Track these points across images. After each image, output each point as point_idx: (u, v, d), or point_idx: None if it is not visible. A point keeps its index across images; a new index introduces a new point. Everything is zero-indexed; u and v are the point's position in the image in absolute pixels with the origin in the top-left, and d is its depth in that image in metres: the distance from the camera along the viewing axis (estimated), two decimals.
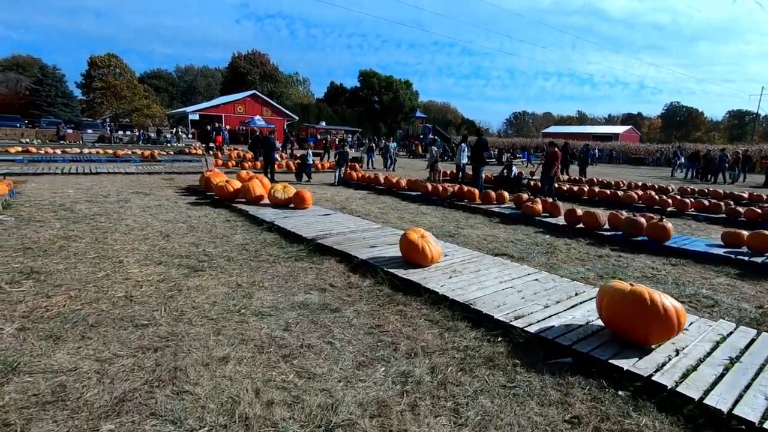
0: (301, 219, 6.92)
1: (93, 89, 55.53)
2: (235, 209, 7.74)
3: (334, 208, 8.47)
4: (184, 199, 8.83)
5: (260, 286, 4.03)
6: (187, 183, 11.46)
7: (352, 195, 10.73)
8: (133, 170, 13.64)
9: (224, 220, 7.01)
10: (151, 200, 8.54)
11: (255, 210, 7.47)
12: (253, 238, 5.91)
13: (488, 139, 18.56)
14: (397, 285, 4.10)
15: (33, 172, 12.04)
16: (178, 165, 16.86)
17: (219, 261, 4.77)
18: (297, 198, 7.76)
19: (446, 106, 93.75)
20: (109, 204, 7.89)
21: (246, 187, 8.13)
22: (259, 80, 63.13)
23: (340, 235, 5.86)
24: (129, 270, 4.35)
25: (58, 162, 15.93)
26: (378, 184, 11.79)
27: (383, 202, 9.82)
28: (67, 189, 9.50)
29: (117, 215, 6.96)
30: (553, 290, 3.93)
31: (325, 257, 5.00)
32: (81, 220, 6.53)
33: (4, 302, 3.43)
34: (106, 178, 11.81)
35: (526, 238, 6.59)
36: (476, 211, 8.71)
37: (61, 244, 5.15)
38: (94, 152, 20.21)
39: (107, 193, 9.13)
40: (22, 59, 64.09)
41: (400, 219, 7.80)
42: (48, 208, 7.27)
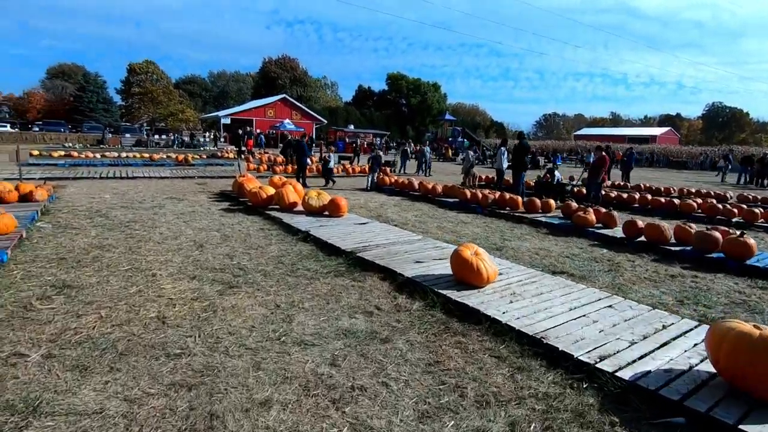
0: (337, 228, 6.58)
1: (131, 95, 57.73)
2: (268, 217, 7.49)
3: (369, 216, 8.10)
4: (217, 206, 8.67)
5: (300, 308, 3.67)
6: (220, 188, 11.38)
7: (386, 201, 10.35)
8: (168, 174, 13.76)
9: (258, 228, 6.76)
10: (184, 206, 8.42)
11: (289, 218, 7.20)
12: (289, 249, 5.60)
13: None
14: (451, 309, 3.66)
15: (73, 176, 12.29)
16: (211, 169, 16.97)
17: (255, 276, 4.47)
18: (332, 205, 7.44)
19: (475, 109, 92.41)
20: (144, 210, 7.80)
21: (279, 193, 7.88)
22: (289, 84, 64.00)
23: (380, 248, 5.46)
24: (162, 285, 4.09)
25: (97, 166, 16.33)
26: (412, 190, 11.36)
27: (419, 209, 9.38)
28: (104, 194, 9.55)
29: (151, 222, 6.82)
30: (635, 321, 3.39)
31: (367, 273, 4.61)
32: (116, 227, 6.42)
33: (33, 322, 3.21)
34: (141, 183, 11.90)
35: (582, 253, 6.00)
36: (521, 221, 8.14)
37: (95, 254, 4.99)
38: (131, 156, 20.72)
39: (142, 199, 9.10)
40: (67, 67, 67.38)
41: (440, 229, 7.34)
42: (84, 214, 7.23)
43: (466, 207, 9.39)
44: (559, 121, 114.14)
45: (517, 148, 10.85)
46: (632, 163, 17.78)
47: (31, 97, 60.38)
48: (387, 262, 4.75)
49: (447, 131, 49.74)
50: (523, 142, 10.83)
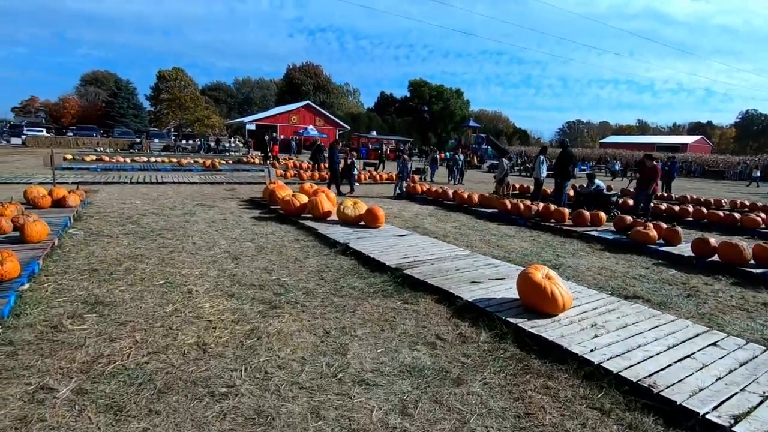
0: (376, 241, 6.17)
1: (160, 101, 59.19)
2: (302, 226, 7.16)
3: (406, 227, 7.68)
4: (248, 213, 8.41)
5: (352, 335, 3.26)
6: (249, 194, 11.17)
7: (420, 211, 9.90)
8: (196, 180, 13.69)
9: (293, 239, 6.42)
10: (215, 214, 8.18)
11: (324, 228, 6.84)
12: (328, 263, 5.22)
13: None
14: (525, 342, 3.18)
15: (104, 181, 12.31)
16: (238, 175, 16.90)
17: (297, 294, 4.09)
18: (369, 216, 7.05)
19: (497, 115, 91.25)
20: (175, 218, 7.58)
21: (313, 202, 7.55)
22: (313, 91, 64.56)
23: (428, 264, 5.02)
24: (199, 303, 3.76)
25: (127, 171, 16.46)
26: (446, 199, 10.89)
27: (456, 220, 8.91)
28: (135, 200, 9.43)
29: (183, 231, 6.57)
30: (754, 365, 2.85)
31: (419, 294, 4.18)
32: (147, 235, 6.18)
33: (63, 346, 2.90)
34: (171, 188, 11.81)
35: (650, 274, 5.42)
36: (569, 235, 7.57)
37: (127, 266, 4.72)
38: (160, 161, 20.91)
39: (173, 205, 8.92)
40: (101, 74, 69.79)
41: (485, 242, 6.85)
42: (116, 221, 7.04)
43: (507, 218, 8.86)
44: (583, 129, 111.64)
45: (561, 156, 10.26)
46: (675, 173, 16.85)
47: (66, 103, 62.68)
48: (440, 282, 4.31)
49: (471, 138, 49.08)
50: (567, 150, 10.24)
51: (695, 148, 62.48)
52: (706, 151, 60.52)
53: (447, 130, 70.37)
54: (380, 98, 74.49)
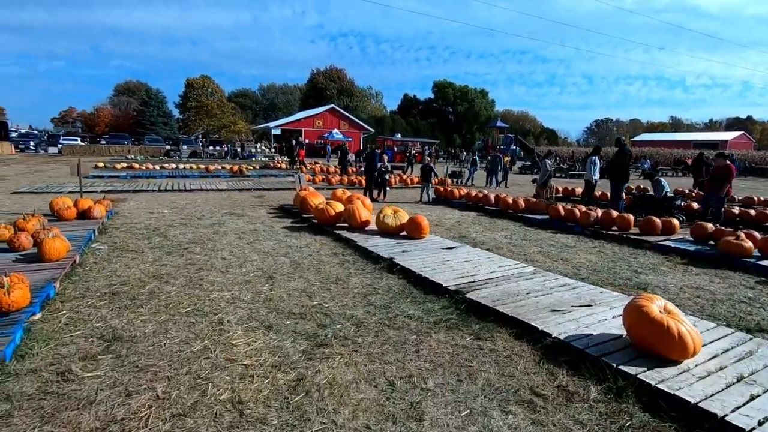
0: (424, 255, 5.48)
1: (188, 108, 60.45)
2: (339, 238, 6.53)
3: (451, 237, 6.96)
4: (279, 223, 7.86)
5: (424, 389, 2.58)
6: (279, 201, 10.68)
7: (462, 218, 9.14)
8: (224, 187, 13.34)
9: (330, 252, 5.80)
10: (245, 223, 7.67)
11: (363, 240, 6.19)
12: (374, 282, 4.56)
13: (569, 150, 15.77)
14: (654, 401, 2.42)
15: (133, 189, 12.10)
16: (266, 180, 16.55)
17: (345, 326, 3.44)
18: (412, 225, 6.36)
19: (524, 115, 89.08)
20: (203, 229, 7.11)
21: (350, 210, 6.92)
22: (336, 95, 64.58)
23: (491, 285, 4.29)
24: (232, 338, 3.15)
25: (156, 178, 16.36)
26: (488, 204, 10.09)
27: (504, 228, 8.10)
28: (162, 209, 9.06)
29: (212, 244, 6.05)
30: None
31: (490, 325, 3.46)
32: (174, 250, 5.68)
33: (70, 402, 2.33)
34: (199, 196, 11.47)
35: (761, 296, 4.50)
36: (639, 245, 6.66)
37: (151, 288, 4.19)
38: (188, 167, 20.89)
39: (201, 214, 8.49)
40: (132, 84, 72.01)
41: (545, 255, 6.04)
42: (142, 233, 6.61)
43: (561, 226, 8.00)
44: (612, 127, 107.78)
45: (617, 155, 9.29)
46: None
47: (100, 113, 64.94)
48: (515, 311, 3.57)
49: (499, 139, 47.71)
50: (625, 149, 9.25)
51: (736, 144, 58.93)
52: (748, 148, 56.97)
53: (472, 131, 69.10)
54: (403, 100, 73.88)
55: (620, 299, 3.93)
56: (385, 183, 11.66)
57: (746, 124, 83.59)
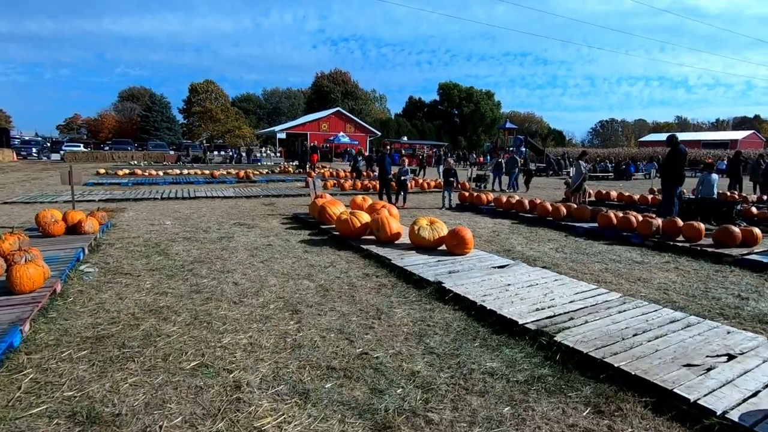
0: (476, 276, 4.55)
1: (192, 113, 59.91)
2: (368, 254, 5.61)
3: (494, 250, 6.03)
4: (295, 235, 6.95)
5: None
6: (291, 209, 9.79)
7: (497, 227, 8.20)
8: (231, 194, 12.47)
9: (361, 273, 4.88)
10: (257, 237, 6.77)
11: (398, 257, 5.27)
12: (426, 317, 3.63)
13: (582, 150, 14.63)
14: None
15: (134, 197, 11.25)
16: (275, 186, 15.69)
17: (407, 389, 2.52)
18: (454, 239, 5.43)
19: (530, 116, 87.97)
20: (210, 244, 6.21)
21: (378, 222, 6.00)
22: (341, 98, 63.89)
23: (578, 320, 3.35)
24: (256, 418, 2.24)
25: (159, 184, 15.54)
26: (522, 211, 9.14)
27: (550, 238, 7.15)
28: (165, 219, 8.18)
29: (221, 264, 5.15)
30: None
31: (605, 387, 2.52)
32: (177, 272, 4.79)
33: None
34: (204, 204, 10.60)
35: None
36: (719, 260, 5.68)
37: (147, 329, 3.28)
38: (192, 173, 20.08)
39: (207, 226, 7.60)
40: (137, 90, 71.64)
41: (615, 274, 5.09)
42: (140, 250, 5.71)
43: (615, 236, 7.04)
44: (617, 128, 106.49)
45: (671, 155, 8.32)
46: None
47: (104, 119, 64.54)
48: (635, 366, 2.62)
49: (508, 140, 46.68)
50: (680, 148, 8.28)
51: (746, 144, 57.50)
52: (758, 147, 55.52)
53: (477, 133, 68.24)
54: (408, 103, 73.06)
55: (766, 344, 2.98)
56: (406, 187, 10.73)
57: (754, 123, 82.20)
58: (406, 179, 10.74)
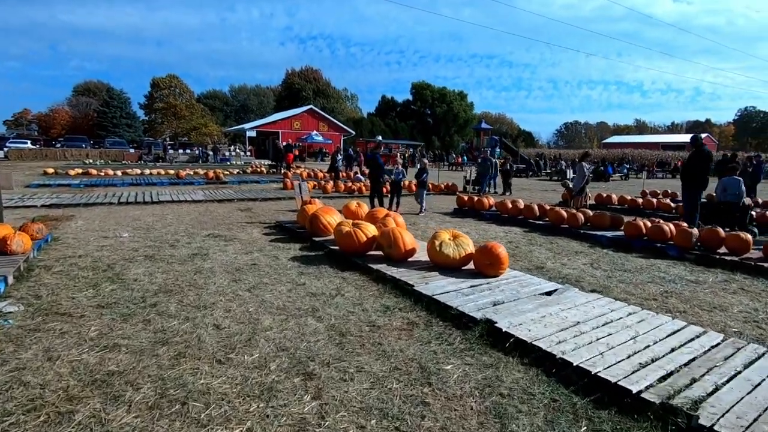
0: (528, 309, 3.60)
1: (154, 110, 56.54)
2: (379, 276, 4.56)
3: (525, 268, 5.13)
4: (283, 250, 5.80)
5: None
6: (272, 216, 8.59)
7: (509, 236, 7.32)
8: (201, 197, 11.06)
9: (380, 306, 3.83)
10: (237, 252, 5.58)
11: (420, 281, 4.25)
12: (490, 377, 2.64)
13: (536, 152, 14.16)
14: None
15: (85, 201, 9.69)
16: (248, 188, 14.31)
17: None
18: (487, 258, 4.47)
19: (502, 117, 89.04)
20: (180, 264, 4.98)
21: (390, 236, 4.96)
22: (313, 96, 62.20)
23: (707, 385, 2.46)
24: None
25: (116, 186, 13.84)
26: (531, 217, 8.32)
27: (577, 250, 6.33)
28: (122, 230, 6.81)
29: (195, 295, 3.97)
30: None
31: None
32: (136, 310, 3.58)
33: None
34: (170, 210, 9.20)
35: None
36: None
37: (83, 421, 2.12)
38: (155, 173, 18.30)
39: (175, 239, 6.32)
40: (93, 84, 67.05)
41: (680, 298, 4.27)
42: (86, 277, 4.42)
43: (646, 246, 6.30)
44: (581, 129, 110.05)
45: (693, 157, 7.70)
46: (761, 174, 14.34)
47: (56, 114, 59.93)
48: None
49: (483, 141, 46.57)
50: (704, 149, 7.69)
51: None
52: (712, 149, 58.35)
53: (450, 134, 68.24)
54: (381, 102, 72.11)
55: None
56: (400, 191, 9.73)
57: (705, 127, 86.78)
58: (401, 182, 9.75)
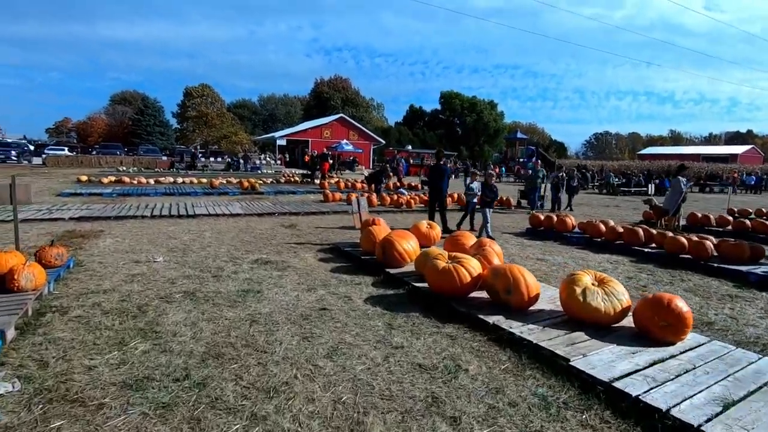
0: None
1: (186, 118, 57.27)
2: (501, 336, 3.27)
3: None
4: (352, 286, 4.59)
5: None
6: (321, 234, 7.46)
7: (623, 270, 5.91)
8: (239, 210, 10.07)
9: (528, 393, 2.55)
10: (298, 289, 4.41)
11: (571, 351, 2.95)
12: None
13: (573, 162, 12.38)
14: None
15: (116, 214, 8.81)
16: (286, 200, 13.32)
17: None
18: (661, 313, 3.11)
19: (533, 127, 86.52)
20: (229, 306, 3.83)
21: (509, 277, 3.66)
22: (341, 105, 61.84)
23: None
24: None
25: (149, 195, 13.09)
26: (635, 243, 6.86)
27: (725, 293, 4.87)
28: (155, 252, 5.77)
29: (258, 365, 2.78)
30: None
31: None
32: (176, 395, 2.42)
33: None
34: (207, 225, 8.20)
35: None
36: None
37: None
38: (188, 182, 17.62)
39: (217, 265, 5.22)
40: (129, 94, 68.84)
41: None
42: (110, 327, 3.31)
43: None
44: (612, 140, 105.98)
45: None
46: None
47: (93, 122, 61.62)
48: None
49: (518, 151, 44.77)
50: None
51: (747, 158, 56.58)
52: (758, 162, 54.48)
53: (480, 143, 66.56)
54: (409, 112, 71.22)
55: None
56: (473, 209, 8.28)
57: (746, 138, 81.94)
58: (473, 198, 8.38)
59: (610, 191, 23.29)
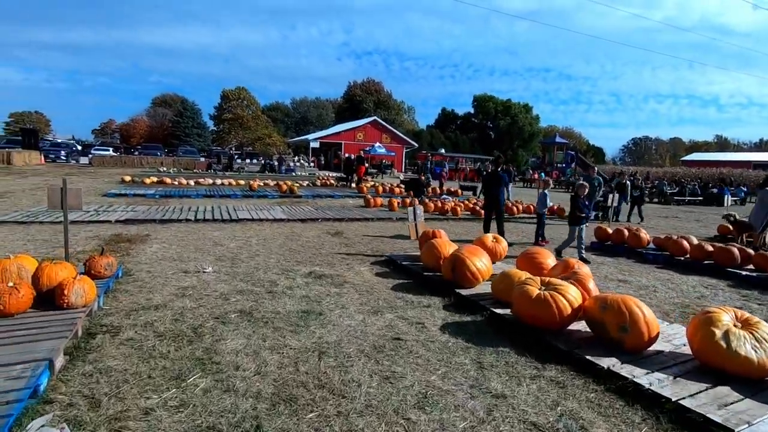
0: None
1: (223, 120, 58.65)
2: (620, 386, 2.67)
3: None
4: (421, 309, 4.08)
5: None
6: (369, 243, 7.01)
7: (722, 296, 5.14)
8: (281, 215, 9.77)
9: None
10: (362, 311, 3.94)
11: (729, 419, 2.31)
12: None
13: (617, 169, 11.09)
14: None
15: (161, 217, 8.67)
16: (325, 204, 13.00)
17: None
18: None
19: (569, 132, 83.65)
20: (292, 333, 3.39)
21: (624, 310, 3.06)
22: (373, 108, 61.71)
23: None
24: None
25: (191, 197, 13.06)
26: (728, 264, 6.03)
27: None
28: (203, 261, 5.46)
29: (338, 417, 2.30)
30: None
31: None
32: None
33: None
34: (252, 230, 7.91)
35: None
36: None
37: None
38: (226, 184, 17.65)
39: (269, 279, 4.83)
40: (169, 96, 71.29)
41: None
42: (165, 354, 2.93)
43: None
44: (651, 145, 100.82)
45: None
46: None
47: (136, 124, 64.11)
48: None
49: (557, 156, 43.17)
50: None
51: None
52: None
53: (514, 147, 64.83)
54: (441, 115, 70.29)
55: None
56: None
57: None
58: (543, 209, 7.68)
59: (661, 200, 21.82)
